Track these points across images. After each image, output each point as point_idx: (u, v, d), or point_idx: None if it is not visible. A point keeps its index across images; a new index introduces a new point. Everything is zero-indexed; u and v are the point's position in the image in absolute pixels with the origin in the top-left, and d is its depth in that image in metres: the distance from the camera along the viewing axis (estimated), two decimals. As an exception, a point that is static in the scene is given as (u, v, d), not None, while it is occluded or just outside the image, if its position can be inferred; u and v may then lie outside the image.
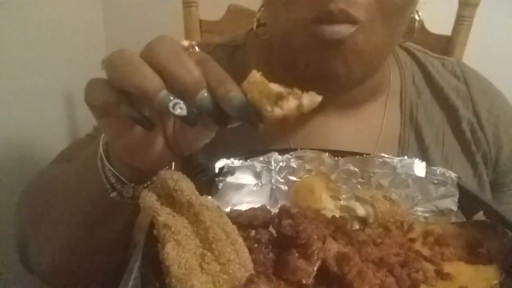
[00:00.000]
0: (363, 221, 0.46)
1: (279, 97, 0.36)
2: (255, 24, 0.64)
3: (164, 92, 0.36)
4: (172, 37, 0.40)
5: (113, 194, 0.46)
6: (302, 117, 0.61)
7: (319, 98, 0.38)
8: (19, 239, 0.59)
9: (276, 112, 0.36)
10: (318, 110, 0.62)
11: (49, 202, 0.54)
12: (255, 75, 0.38)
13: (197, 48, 0.42)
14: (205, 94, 0.37)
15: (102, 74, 0.40)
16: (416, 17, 0.59)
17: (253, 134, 0.59)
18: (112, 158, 0.46)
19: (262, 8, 0.64)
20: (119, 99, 0.38)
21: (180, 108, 0.36)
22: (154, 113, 0.42)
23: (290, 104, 0.36)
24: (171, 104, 0.36)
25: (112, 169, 0.45)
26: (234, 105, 0.37)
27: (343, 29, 0.48)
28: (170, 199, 0.38)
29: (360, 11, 0.48)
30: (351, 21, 0.48)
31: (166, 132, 0.44)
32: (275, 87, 0.37)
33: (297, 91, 0.37)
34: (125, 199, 0.46)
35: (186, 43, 0.42)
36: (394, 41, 0.57)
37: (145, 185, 0.46)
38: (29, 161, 0.80)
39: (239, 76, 0.67)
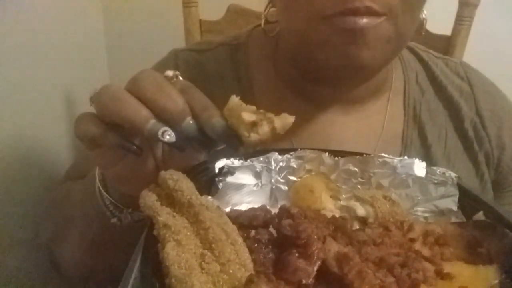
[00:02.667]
0: (363, 221, 0.46)
1: (254, 124, 0.39)
2: (263, 21, 0.64)
3: (152, 121, 0.39)
4: (154, 71, 0.43)
5: (114, 220, 0.49)
6: (305, 114, 0.62)
7: (291, 119, 0.40)
8: (48, 246, 0.62)
9: (252, 138, 0.39)
10: (322, 107, 0.63)
11: (65, 220, 0.57)
12: (234, 100, 0.40)
13: (180, 78, 0.44)
14: (190, 122, 0.40)
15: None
16: (423, 15, 0.60)
17: None
18: (108, 186, 0.48)
19: (270, 5, 0.63)
20: (106, 129, 0.40)
21: (168, 135, 0.39)
22: (143, 140, 0.44)
23: (264, 129, 0.39)
24: (160, 132, 0.39)
25: (109, 198, 0.48)
26: (216, 131, 0.40)
27: (367, 21, 0.48)
28: (170, 199, 0.38)
29: (385, 6, 0.48)
30: (376, 14, 0.48)
31: (156, 157, 0.46)
32: (247, 116, 0.39)
33: (269, 115, 0.40)
34: (124, 224, 0.49)
35: (170, 73, 0.44)
36: (413, 32, 0.57)
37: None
38: (29, 161, 0.80)
39: (241, 75, 0.67)
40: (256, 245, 0.37)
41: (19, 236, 0.75)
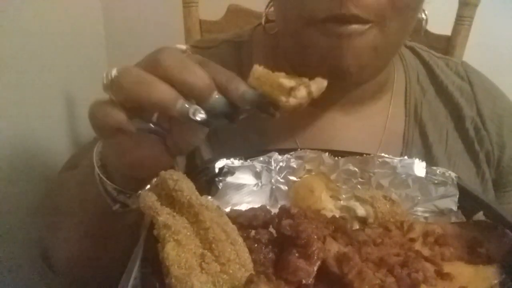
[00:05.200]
0: (363, 221, 0.46)
1: (291, 88, 0.39)
2: (263, 19, 0.64)
3: (181, 101, 0.38)
4: (171, 46, 0.41)
5: (116, 207, 0.47)
6: (309, 114, 0.62)
7: (325, 83, 0.40)
8: (41, 243, 0.60)
9: (291, 102, 0.39)
10: (324, 107, 0.63)
11: (60, 211, 0.56)
12: (258, 70, 0.40)
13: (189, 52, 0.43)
14: (216, 96, 0.39)
15: (102, 76, 0.40)
16: (423, 16, 0.60)
17: (259, 130, 0.61)
18: (109, 169, 0.46)
19: (271, 3, 0.64)
20: (130, 115, 0.39)
21: (200, 113, 0.38)
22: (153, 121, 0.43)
23: (302, 93, 0.39)
24: (191, 112, 0.38)
25: (112, 184, 0.46)
26: (248, 100, 0.39)
27: (355, 28, 0.49)
28: (170, 199, 0.38)
29: (372, 14, 0.49)
30: (363, 22, 0.49)
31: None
32: (287, 82, 0.39)
33: (304, 79, 0.40)
34: (133, 208, 0.47)
35: (183, 47, 0.43)
36: (406, 37, 0.58)
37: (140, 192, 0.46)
38: (29, 161, 0.80)
39: (244, 72, 0.67)
40: (256, 245, 0.37)
41: (19, 236, 0.75)
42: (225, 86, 0.39)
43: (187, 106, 0.38)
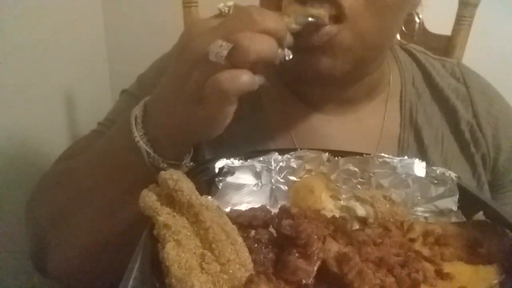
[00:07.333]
0: (363, 221, 0.46)
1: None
2: None
3: (279, 49, 0.42)
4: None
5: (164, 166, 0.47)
6: (305, 115, 0.62)
7: None
8: (35, 243, 0.58)
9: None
10: (318, 107, 0.63)
11: (70, 196, 0.54)
12: (289, 6, 0.48)
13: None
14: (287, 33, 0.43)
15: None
16: (416, 19, 0.59)
17: (257, 132, 0.61)
18: (158, 140, 0.47)
19: None
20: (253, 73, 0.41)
21: (290, 53, 0.43)
22: None
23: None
24: (286, 54, 0.42)
25: (159, 158, 0.47)
26: (303, 23, 0.45)
27: (327, 31, 0.49)
28: (170, 199, 0.38)
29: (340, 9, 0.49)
30: (333, 4, 0.49)
31: None
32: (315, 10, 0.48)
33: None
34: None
35: (231, 2, 0.46)
36: (387, 39, 0.58)
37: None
38: (29, 161, 0.80)
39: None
40: (256, 245, 0.37)
41: (19, 236, 0.75)
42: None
43: (282, 50, 0.42)
